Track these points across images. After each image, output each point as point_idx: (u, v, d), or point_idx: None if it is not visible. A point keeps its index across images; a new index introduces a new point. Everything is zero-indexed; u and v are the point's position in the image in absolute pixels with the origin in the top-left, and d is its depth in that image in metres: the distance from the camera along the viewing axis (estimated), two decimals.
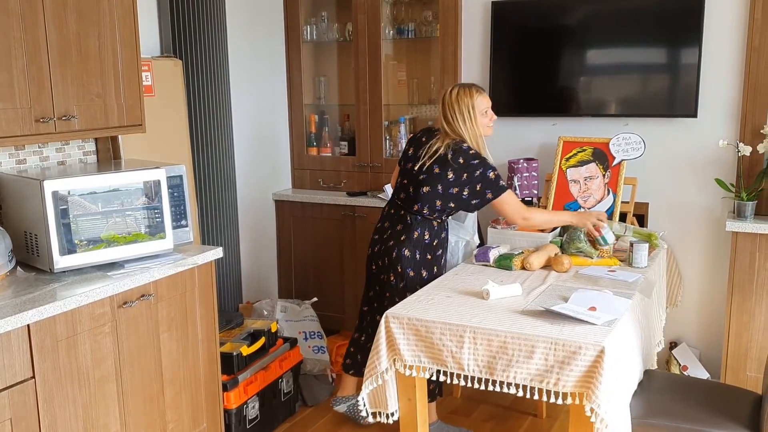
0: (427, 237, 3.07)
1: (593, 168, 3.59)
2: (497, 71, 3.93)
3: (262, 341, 3.31)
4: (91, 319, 2.39)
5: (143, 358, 2.62)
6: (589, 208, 3.53)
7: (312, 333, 3.88)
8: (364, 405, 2.58)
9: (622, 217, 3.52)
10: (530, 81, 3.91)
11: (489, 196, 2.98)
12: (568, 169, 3.65)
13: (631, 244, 3.00)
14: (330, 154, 4.48)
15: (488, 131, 3.12)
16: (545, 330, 2.29)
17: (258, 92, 4.28)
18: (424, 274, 3.05)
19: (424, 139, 3.12)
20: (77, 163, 3.02)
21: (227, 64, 3.90)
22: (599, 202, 3.55)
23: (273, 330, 3.44)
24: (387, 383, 2.54)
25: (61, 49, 2.54)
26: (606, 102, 3.74)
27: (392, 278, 3.08)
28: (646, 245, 3.00)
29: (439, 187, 3.01)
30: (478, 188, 2.97)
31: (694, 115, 3.52)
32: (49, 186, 2.41)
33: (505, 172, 3.88)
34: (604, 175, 3.56)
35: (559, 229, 3.30)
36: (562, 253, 3.05)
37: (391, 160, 4.22)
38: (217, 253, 2.90)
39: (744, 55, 3.44)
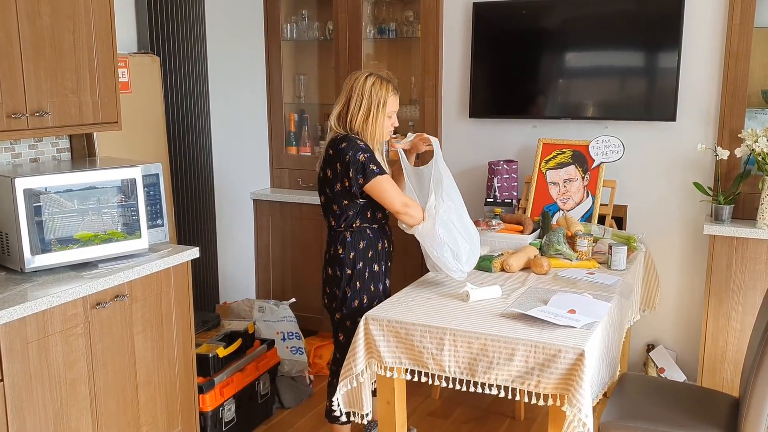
0: (341, 252, 2.78)
1: (572, 170, 3.60)
2: (478, 72, 3.92)
3: (238, 343, 3.27)
4: (63, 321, 2.34)
5: (117, 360, 2.57)
6: (568, 210, 3.54)
7: (290, 334, 3.84)
8: (338, 406, 2.55)
9: (601, 220, 3.53)
10: (511, 83, 3.90)
11: (360, 181, 2.66)
12: (547, 171, 3.65)
13: (610, 247, 3.01)
14: (309, 154, 4.44)
15: (387, 136, 2.83)
16: (525, 333, 2.28)
17: (237, 90, 4.24)
18: (348, 293, 2.79)
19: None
20: (51, 161, 2.96)
21: (206, 61, 3.85)
22: (578, 204, 3.56)
23: (250, 331, 3.40)
24: (363, 384, 2.52)
25: (34, 43, 2.48)
26: (586, 105, 3.75)
27: (326, 301, 2.90)
28: (625, 248, 3.00)
29: (328, 191, 2.77)
30: (351, 174, 2.66)
31: (673, 119, 3.54)
32: (21, 184, 2.35)
33: (485, 174, 3.87)
34: (583, 178, 3.57)
35: (538, 231, 3.30)
36: (542, 255, 3.05)
37: None
38: (194, 253, 2.86)
39: (722, 59, 3.46)
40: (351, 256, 2.78)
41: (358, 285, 2.79)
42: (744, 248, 3.27)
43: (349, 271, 2.78)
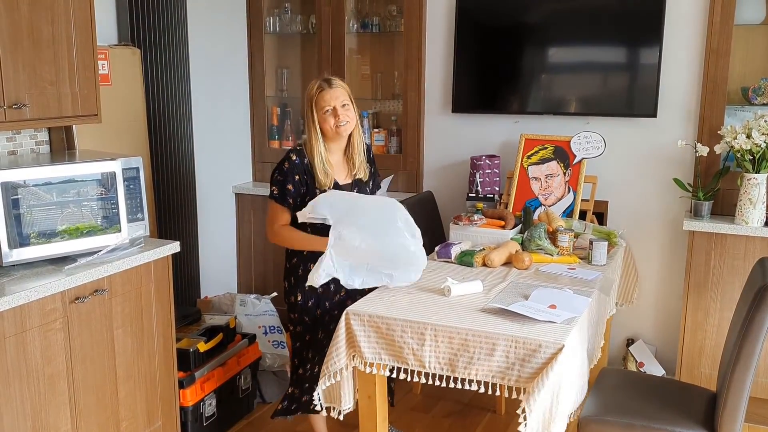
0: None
1: (554, 166, 3.62)
2: (461, 68, 3.92)
3: (219, 337, 3.26)
4: (41, 315, 2.31)
5: (96, 355, 2.55)
6: (550, 206, 3.56)
7: (272, 328, 3.84)
8: (319, 400, 2.55)
9: (582, 215, 3.55)
10: (494, 78, 3.91)
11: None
12: (529, 167, 3.66)
13: (591, 242, 3.02)
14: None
15: (333, 131, 2.68)
16: (506, 327, 2.29)
17: (219, 83, 4.20)
18: (286, 286, 2.86)
19: None
20: (29, 153, 2.92)
21: (187, 53, 3.82)
22: (560, 199, 3.57)
23: (231, 326, 3.38)
24: (343, 380, 2.51)
25: (12, 34, 2.45)
26: (568, 101, 3.77)
27: None
28: (606, 243, 3.02)
29: None
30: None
31: (654, 115, 3.56)
32: None
33: (467, 169, 3.88)
34: (564, 173, 3.59)
35: (520, 227, 3.32)
36: (523, 250, 3.06)
37: None
38: (174, 247, 2.84)
39: (703, 57, 3.49)
40: (289, 250, 2.85)
41: (293, 280, 2.84)
42: (723, 244, 3.30)
43: (288, 265, 2.86)
